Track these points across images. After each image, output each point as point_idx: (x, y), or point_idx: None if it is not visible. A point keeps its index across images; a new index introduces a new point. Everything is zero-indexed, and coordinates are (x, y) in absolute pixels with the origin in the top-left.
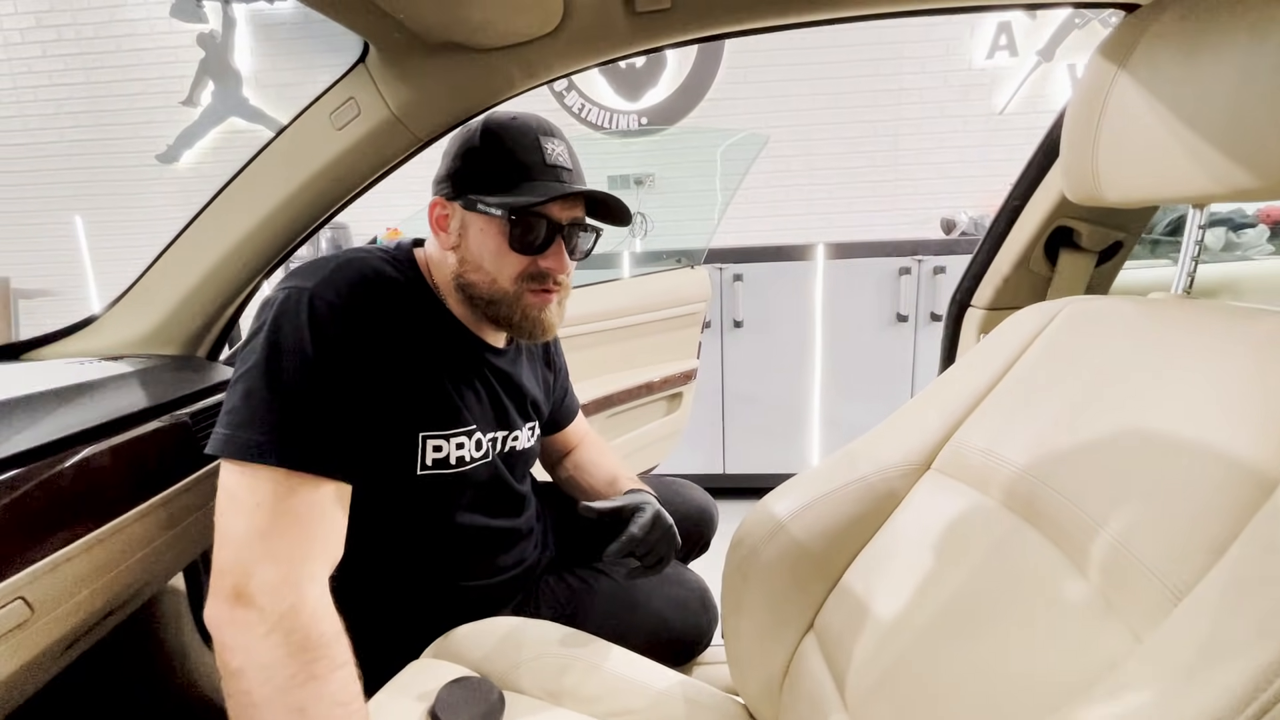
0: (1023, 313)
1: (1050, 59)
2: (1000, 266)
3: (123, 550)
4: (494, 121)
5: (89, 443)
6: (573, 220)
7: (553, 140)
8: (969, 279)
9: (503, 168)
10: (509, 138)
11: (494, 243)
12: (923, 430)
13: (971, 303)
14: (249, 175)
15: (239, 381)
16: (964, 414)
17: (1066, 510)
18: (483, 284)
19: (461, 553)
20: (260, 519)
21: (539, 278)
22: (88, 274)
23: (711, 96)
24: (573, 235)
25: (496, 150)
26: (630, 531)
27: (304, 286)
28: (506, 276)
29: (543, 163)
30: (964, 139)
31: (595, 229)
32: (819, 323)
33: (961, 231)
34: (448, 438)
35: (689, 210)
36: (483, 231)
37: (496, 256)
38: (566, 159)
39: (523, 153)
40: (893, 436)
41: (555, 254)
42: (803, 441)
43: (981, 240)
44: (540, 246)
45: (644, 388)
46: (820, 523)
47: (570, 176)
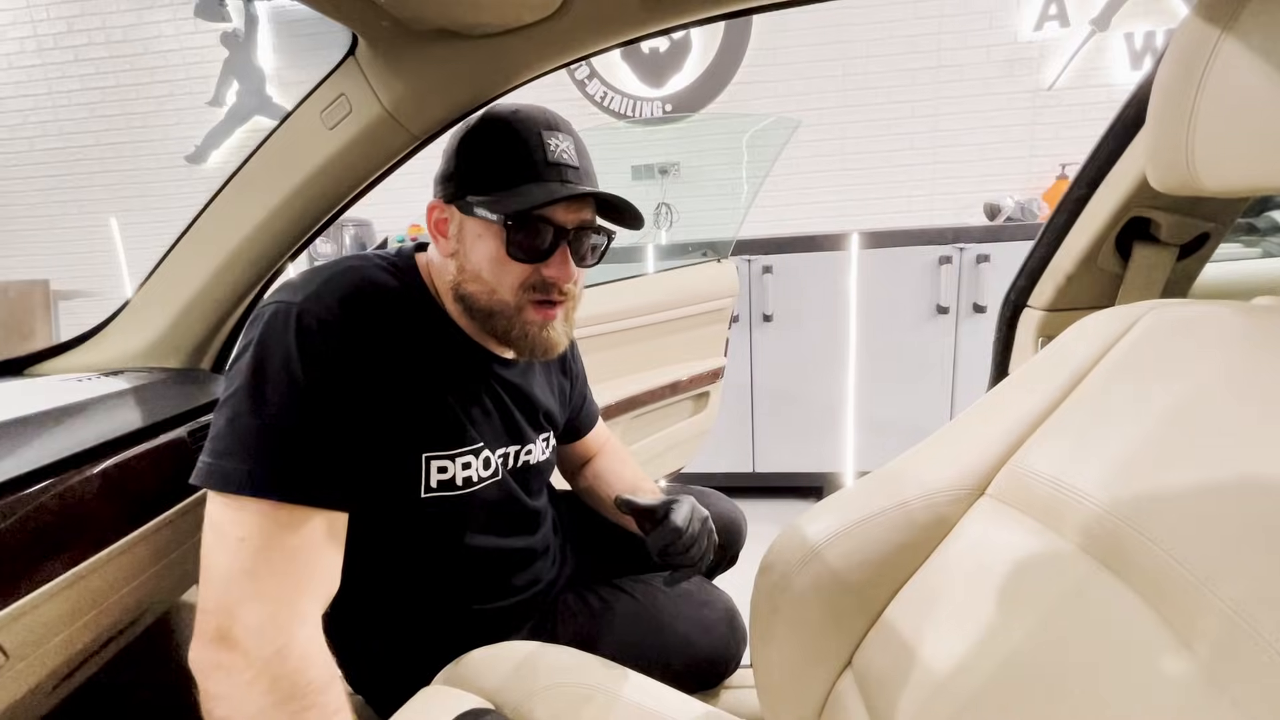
0: (1094, 318)
1: (1105, 28)
2: (1062, 263)
3: (112, 582)
4: (493, 115)
5: (75, 469)
6: (580, 224)
7: (557, 135)
8: (1025, 276)
9: (500, 166)
10: (508, 133)
11: (492, 250)
12: (975, 450)
13: (1028, 303)
14: (243, 179)
15: (224, 405)
16: (1024, 433)
17: (1161, 562)
18: (481, 295)
19: (472, 575)
20: (245, 555)
21: (542, 288)
22: (123, 274)
23: (738, 80)
24: (580, 240)
25: (494, 147)
26: (673, 522)
27: (291, 301)
28: (506, 287)
29: (545, 160)
30: (1009, 118)
31: (607, 232)
32: (853, 316)
33: (1007, 217)
34: (453, 458)
35: (715, 200)
36: (480, 238)
37: (495, 265)
38: (572, 155)
39: (523, 149)
40: (940, 456)
41: (559, 262)
42: (836, 440)
43: (1040, 233)
44: (543, 254)
45: (669, 388)
46: (859, 551)
47: (576, 175)
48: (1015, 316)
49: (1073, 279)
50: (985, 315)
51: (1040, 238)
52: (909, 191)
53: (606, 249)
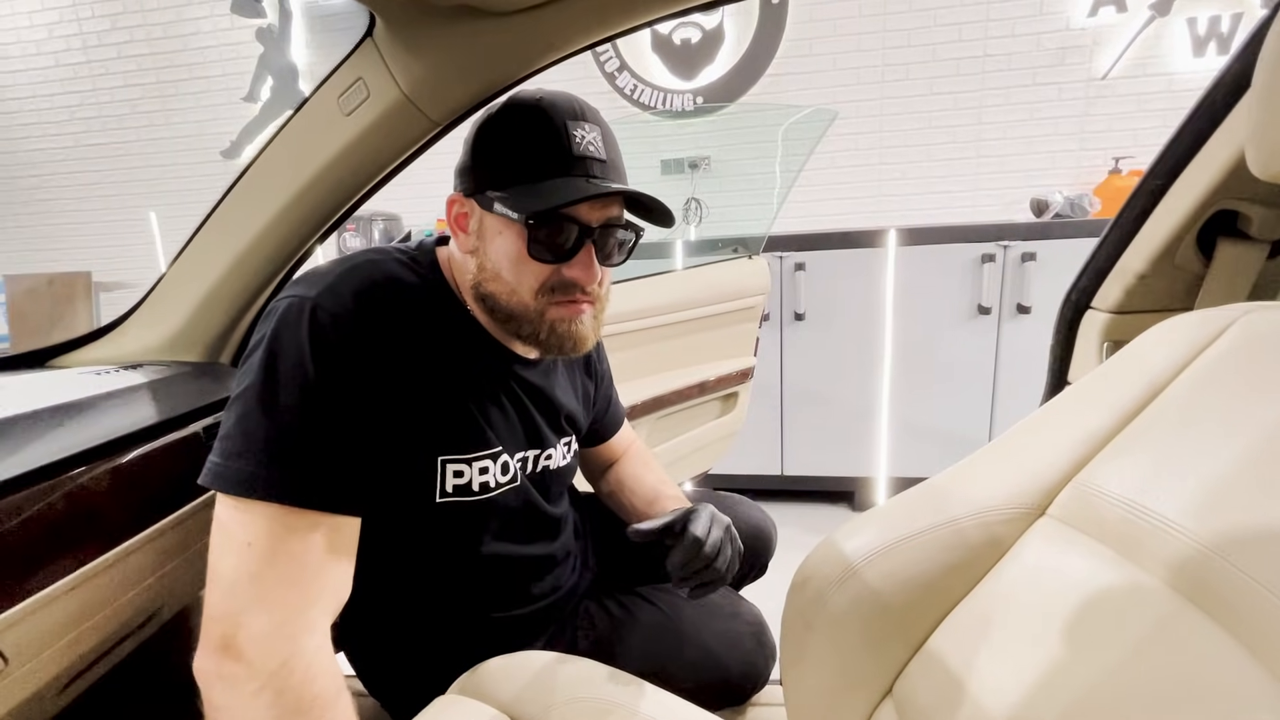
0: (1174, 322)
1: (1166, 14)
2: (1133, 261)
3: (120, 583)
4: (516, 102)
5: (84, 466)
6: (606, 221)
7: (583, 125)
8: (1089, 275)
9: (522, 159)
10: (531, 122)
11: (512, 249)
12: (1034, 465)
13: (1092, 304)
14: (260, 168)
15: (234, 403)
16: (1091, 449)
17: (1262, 603)
18: (501, 295)
19: (489, 583)
20: (252, 560)
21: (565, 288)
22: (161, 266)
23: (772, 72)
24: (606, 238)
25: (515, 137)
26: (692, 533)
27: (306, 296)
28: (527, 288)
29: (570, 153)
30: (1058, 109)
31: (635, 228)
32: (889, 315)
33: (1055, 213)
34: (469, 461)
35: (747, 195)
36: (501, 235)
37: (515, 265)
38: (599, 148)
39: (546, 141)
40: (994, 470)
41: (583, 262)
42: (868, 445)
43: (1107, 228)
44: (566, 253)
45: (697, 388)
46: (902, 571)
47: (603, 169)
48: (1077, 319)
49: (1145, 279)
50: (1030, 316)
51: (1107, 234)
52: (950, 186)
53: (634, 246)
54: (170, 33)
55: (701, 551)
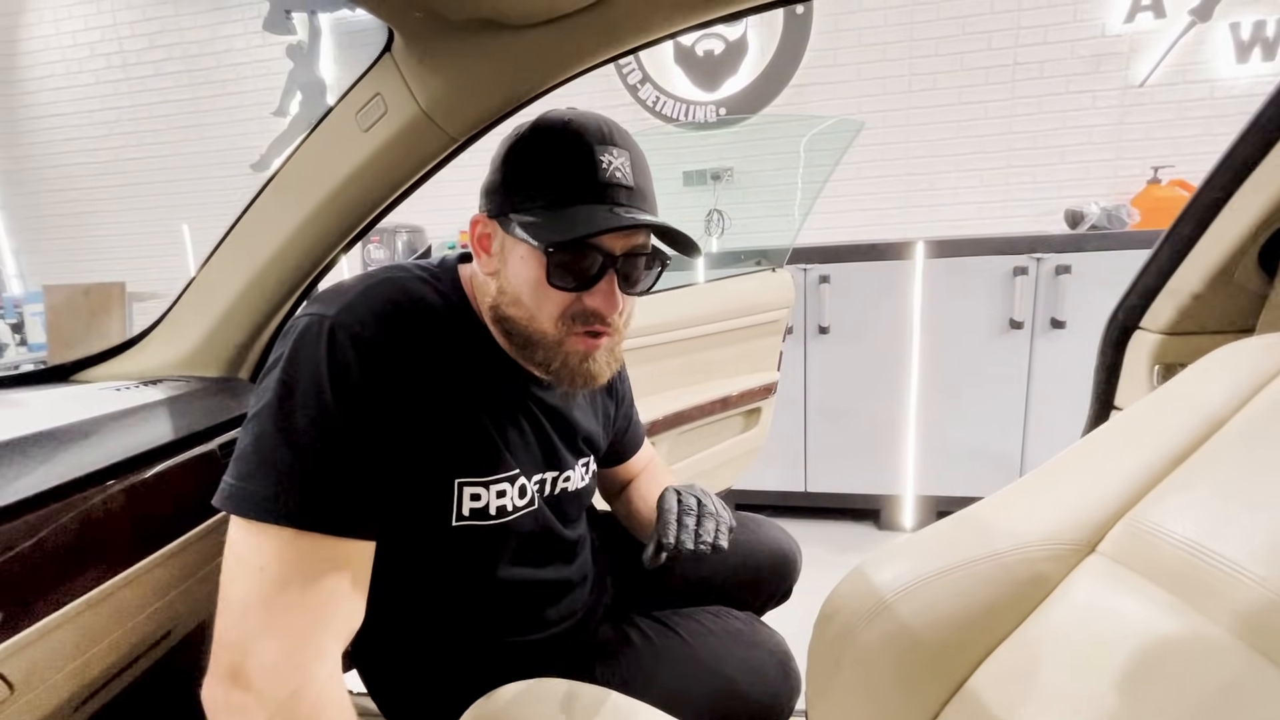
0: (1235, 348)
1: (1207, 19)
2: (1188, 279)
3: (132, 605)
4: (544, 123)
5: (98, 485)
6: (630, 249)
7: (611, 150)
8: (1137, 293)
9: (546, 183)
10: (557, 145)
11: (532, 275)
12: (1083, 497)
13: (1140, 324)
14: (279, 183)
15: (251, 422)
16: (1146, 483)
17: None
18: (520, 320)
19: (504, 607)
20: (264, 585)
21: (584, 318)
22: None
23: (796, 82)
24: (630, 266)
25: (540, 160)
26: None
27: (324, 314)
28: (546, 316)
29: (596, 179)
30: (1093, 117)
31: (661, 257)
32: (916, 329)
33: (1091, 225)
34: (487, 485)
35: (771, 207)
36: (523, 260)
37: (536, 291)
38: (627, 174)
39: (571, 165)
40: (1037, 502)
41: (605, 291)
42: (894, 462)
43: (1158, 243)
44: (587, 282)
45: (719, 403)
46: (937, 606)
47: (630, 196)
48: (1124, 339)
49: (1201, 298)
50: (1065, 331)
51: (1158, 249)
52: (979, 197)
53: (660, 276)
54: (205, 50)
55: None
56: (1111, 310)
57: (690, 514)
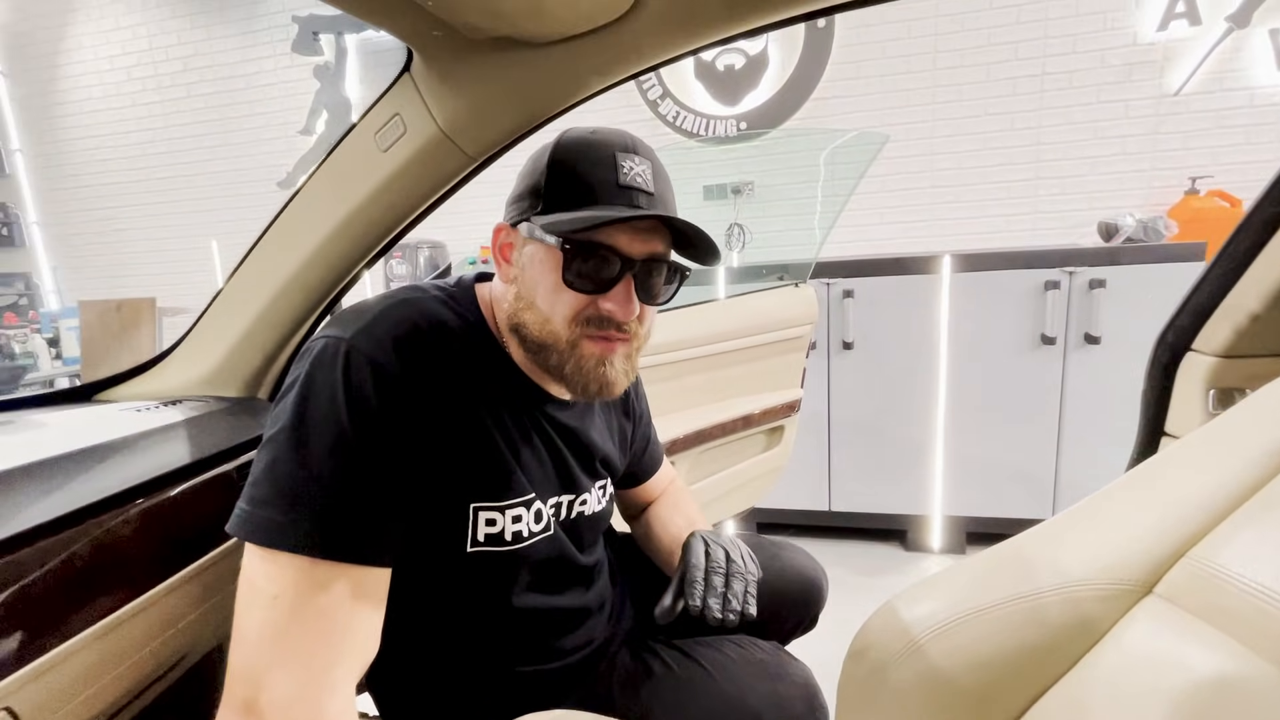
0: None
1: (1245, 25)
2: (1245, 298)
3: (145, 633)
4: (569, 135)
5: (113, 510)
6: (649, 255)
7: (633, 158)
8: (1188, 313)
9: (567, 187)
10: (580, 153)
11: (548, 276)
12: (1137, 534)
13: (1193, 346)
14: (299, 204)
15: (266, 446)
16: (1208, 520)
17: None
18: (534, 325)
19: (519, 636)
20: (278, 615)
21: (599, 322)
22: None
23: (818, 96)
24: (648, 273)
25: (563, 166)
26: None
27: (341, 336)
28: (560, 317)
29: (615, 183)
30: (1126, 127)
31: (680, 268)
32: (944, 345)
33: (1126, 237)
34: (503, 509)
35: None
36: (540, 263)
37: (550, 293)
38: (647, 180)
39: (592, 169)
40: (1085, 537)
41: (620, 295)
42: (921, 481)
43: (1211, 261)
44: (603, 284)
45: (741, 421)
46: (975, 648)
47: (649, 201)
48: (1175, 362)
49: (1260, 319)
50: (1100, 347)
51: (1211, 267)
52: (1006, 210)
53: (680, 286)
54: (235, 72)
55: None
56: (1159, 331)
57: (719, 573)
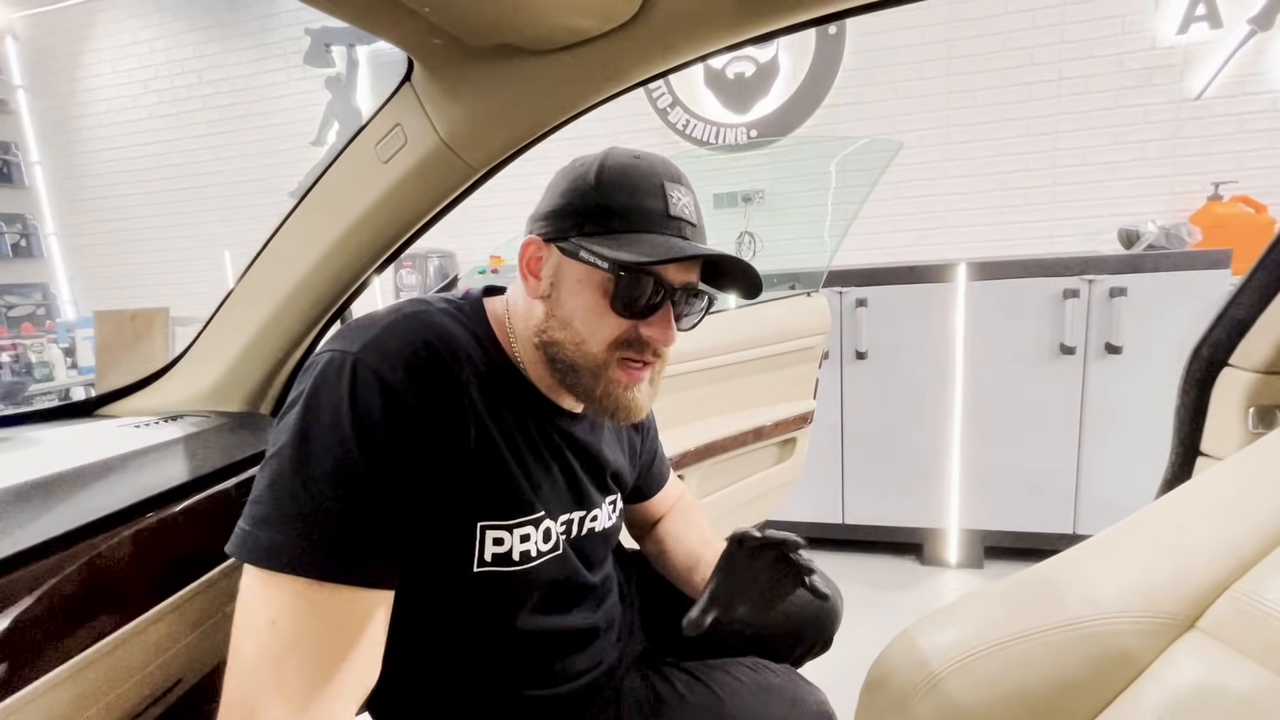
0: None
1: (1268, 28)
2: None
3: (139, 658)
4: (614, 158)
5: (108, 531)
6: (686, 284)
7: (679, 188)
8: (1224, 327)
9: (617, 212)
10: (630, 178)
11: (591, 299)
12: (1177, 563)
13: (1230, 361)
14: (300, 216)
15: (267, 464)
16: (1255, 550)
17: None
18: (568, 344)
19: (526, 658)
20: (275, 641)
21: (637, 346)
22: None
23: (829, 103)
24: (685, 301)
25: (613, 191)
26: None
27: (347, 350)
28: (599, 340)
29: (665, 213)
30: (1146, 132)
31: (710, 297)
32: (959, 354)
33: (1148, 245)
34: (510, 529)
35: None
36: (580, 284)
37: (592, 315)
38: (693, 211)
39: (644, 198)
40: (1120, 565)
41: (661, 321)
42: (937, 493)
43: (1249, 273)
44: (647, 310)
45: (752, 433)
46: (1000, 683)
47: (694, 233)
48: (1210, 377)
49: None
50: (1121, 357)
51: (1249, 279)
52: (1023, 216)
53: (704, 316)
54: (249, 84)
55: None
56: (1194, 345)
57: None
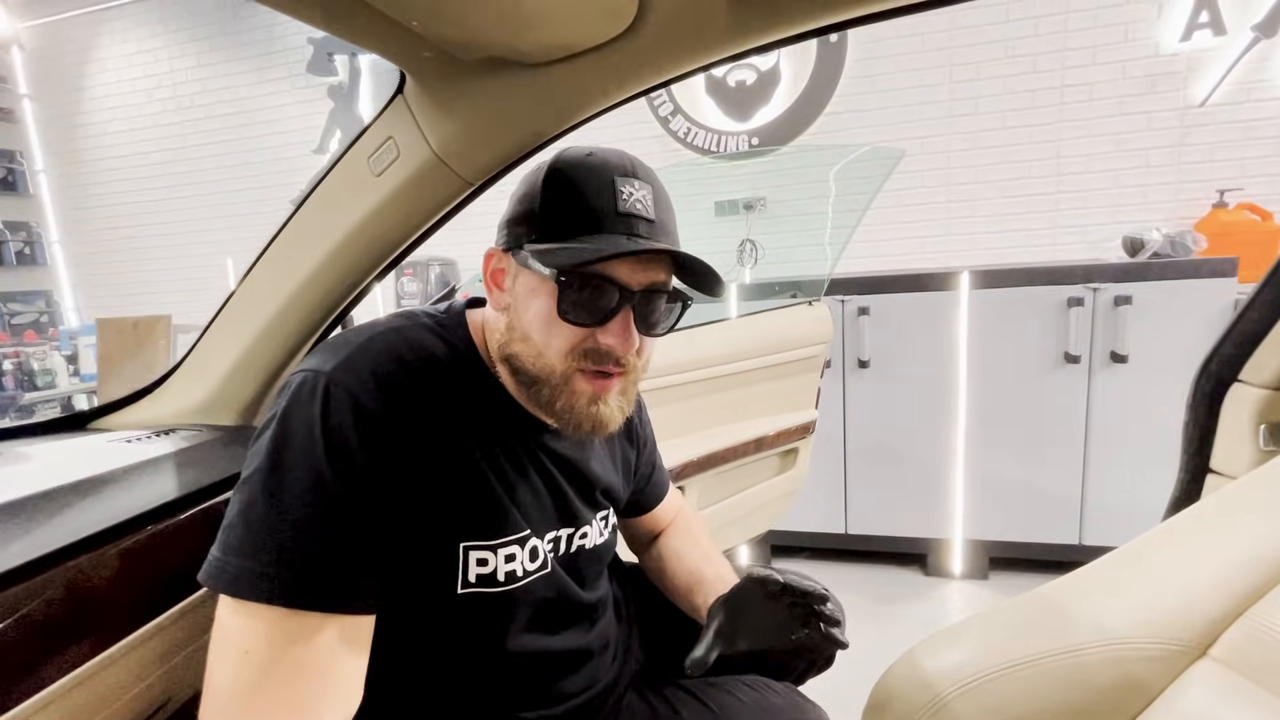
0: None
1: (1272, 35)
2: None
3: (125, 679)
4: (564, 158)
5: (91, 551)
6: (650, 285)
7: (633, 182)
8: (1233, 342)
9: (561, 213)
10: (576, 176)
11: (543, 308)
12: (1188, 589)
13: (1240, 377)
14: (293, 229)
15: (241, 488)
16: (1268, 576)
17: None
18: (527, 357)
19: (515, 681)
20: (249, 673)
21: (596, 356)
22: None
23: (830, 110)
24: (648, 304)
25: (557, 191)
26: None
27: (320, 370)
28: (555, 351)
29: (613, 210)
30: (1149, 139)
31: (682, 296)
32: (963, 363)
33: (1153, 252)
34: (495, 548)
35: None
36: (533, 293)
37: (544, 325)
38: (647, 206)
39: (589, 195)
40: (1129, 588)
41: (619, 328)
42: (941, 504)
43: (1259, 286)
44: (601, 317)
45: (754, 443)
46: (1008, 709)
47: (649, 229)
48: (1220, 393)
49: None
50: (1127, 366)
51: (1258, 293)
52: (1026, 224)
53: (681, 315)
54: (253, 93)
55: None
56: (1202, 359)
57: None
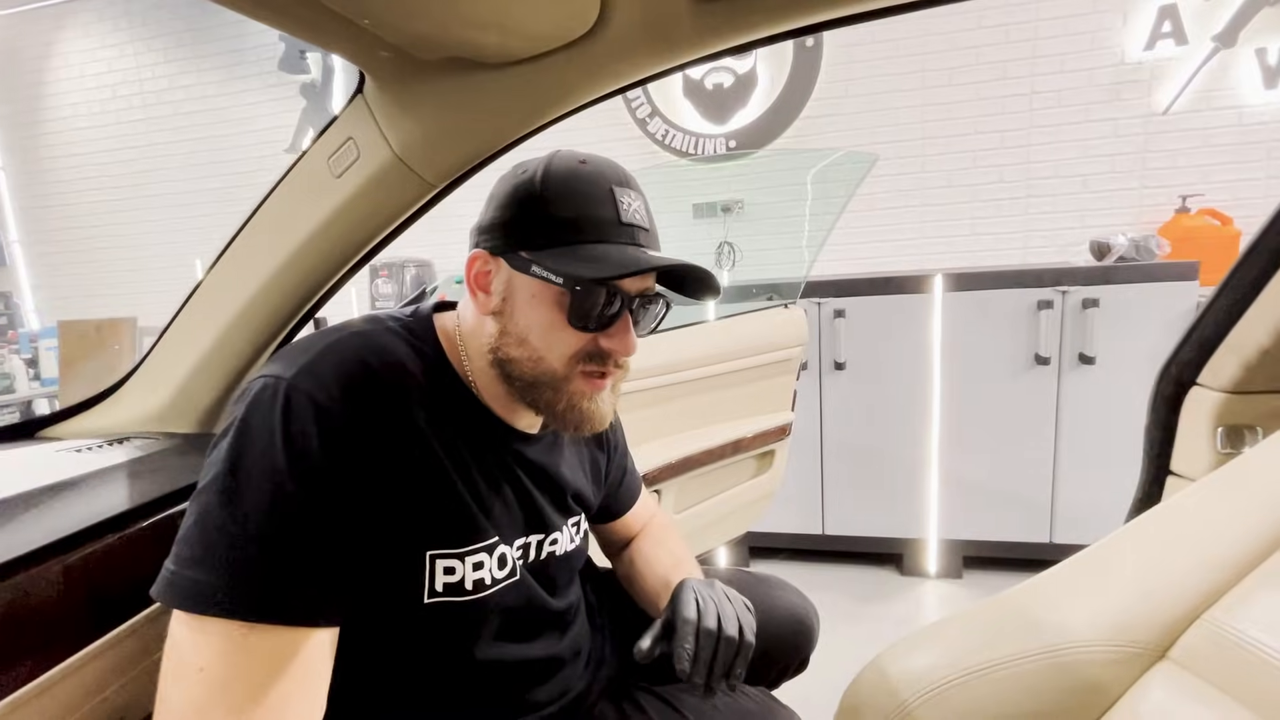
0: None
1: (1231, 45)
2: (1253, 331)
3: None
4: (558, 163)
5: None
6: (642, 291)
7: (629, 193)
8: (1191, 346)
9: (568, 223)
10: (577, 185)
11: (547, 315)
12: (1148, 591)
13: (1198, 380)
14: (251, 231)
15: (197, 497)
16: (1226, 578)
17: None
18: (525, 361)
19: (485, 691)
20: (205, 690)
21: (597, 358)
22: None
23: (807, 114)
24: (642, 309)
25: (561, 200)
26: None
27: (281, 375)
28: (558, 356)
29: (616, 220)
30: (1115, 145)
31: (666, 300)
32: (937, 365)
33: (1119, 256)
34: (462, 556)
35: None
36: (534, 299)
37: (549, 331)
38: (644, 216)
39: (593, 205)
40: (1092, 591)
41: (621, 332)
42: (916, 504)
43: (1215, 292)
44: (604, 322)
45: (730, 446)
46: (973, 713)
47: (647, 238)
48: (1180, 396)
49: (1270, 354)
50: (1095, 367)
51: (1215, 298)
52: (998, 228)
53: (663, 319)
54: (223, 90)
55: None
56: (1163, 364)
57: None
